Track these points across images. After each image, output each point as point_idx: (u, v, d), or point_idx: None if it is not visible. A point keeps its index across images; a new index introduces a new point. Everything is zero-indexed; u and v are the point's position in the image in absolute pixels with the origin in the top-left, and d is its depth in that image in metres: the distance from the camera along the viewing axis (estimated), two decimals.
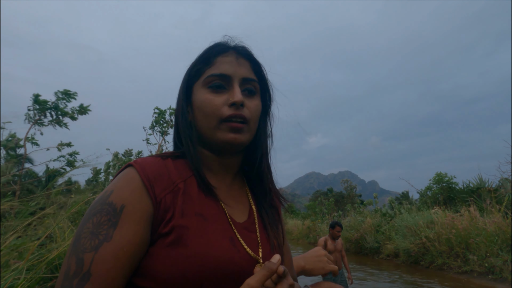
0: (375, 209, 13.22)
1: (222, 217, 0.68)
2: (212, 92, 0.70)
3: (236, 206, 0.74)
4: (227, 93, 0.70)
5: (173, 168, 0.68)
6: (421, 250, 8.51)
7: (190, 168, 0.71)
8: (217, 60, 0.72)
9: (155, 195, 0.62)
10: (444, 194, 11.32)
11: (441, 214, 8.74)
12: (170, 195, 0.64)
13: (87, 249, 0.56)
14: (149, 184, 0.62)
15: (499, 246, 6.57)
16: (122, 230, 0.58)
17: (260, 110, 0.74)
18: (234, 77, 0.71)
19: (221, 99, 0.69)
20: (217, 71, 0.71)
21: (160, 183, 0.64)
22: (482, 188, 9.54)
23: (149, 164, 0.66)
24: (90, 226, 0.58)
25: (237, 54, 0.74)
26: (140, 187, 0.62)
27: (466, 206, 8.70)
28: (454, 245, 7.66)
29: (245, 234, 0.70)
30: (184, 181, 0.68)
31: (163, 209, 0.62)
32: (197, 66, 0.74)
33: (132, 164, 0.66)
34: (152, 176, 0.64)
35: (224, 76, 0.70)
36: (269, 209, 0.80)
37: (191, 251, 0.60)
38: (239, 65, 0.73)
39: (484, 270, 6.58)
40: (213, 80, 0.70)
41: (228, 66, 0.71)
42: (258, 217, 0.77)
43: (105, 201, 0.60)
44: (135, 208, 0.60)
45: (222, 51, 0.73)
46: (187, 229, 0.61)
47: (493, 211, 7.68)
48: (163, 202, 0.62)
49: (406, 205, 12.35)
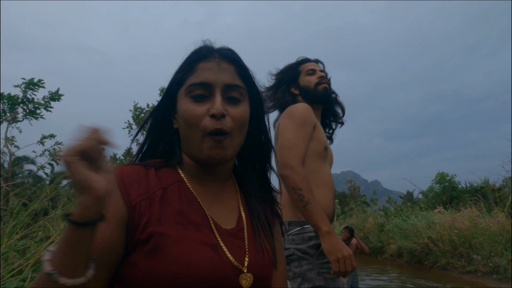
0: (379, 208, 13.18)
1: (205, 224, 0.66)
2: (194, 101, 0.67)
3: (224, 212, 0.72)
4: (209, 102, 0.67)
5: (153, 177, 0.67)
6: (425, 250, 8.47)
7: (174, 176, 0.70)
8: (199, 66, 0.69)
9: (130, 200, 0.62)
10: (447, 193, 11.28)
11: (443, 214, 8.69)
12: (146, 201, 0.63)
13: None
14: (124, 189, 0.62)
15: (503, 246, 6.53)
16: None
17: (247, 117, 0.72)
18: (216, 85, 0.68)
19: (203, 109, 0.67)
20: (198, 79, 0.68)
21: (136, 189, 0.63)
22: (486, 187, 9.49)
23: (128, 170, 0.66)
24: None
25: (219, 59, 0.70)
26: (116, 189, 0.62)
27: (470, 206, 8.65)
28: (457, 245, 7.61)
29: (231, 241, 0.67)
30: (164, 189, 0.66)
31: (138, 214, 0.61)
32: (180, 73, 0.71)
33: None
34: (128, 181, 0.64)
35: (205, 85, 0.67)
36: (262, 214, 0.77)
37: (170, 258, 0.58)
38: (221, 70, 0.69)
39: (488, 270, 6.53)
40: (194, 89, 0.68)
41: (209, 73, 0.68)
42: (249, 223, 0.74)
43: None
44: (111, 207, 0.59)
45: (204, 57, 0.70)
46: (166, 236, 0.60)
47: (497, 210, 7.63)
48: (138, 207, 0.62)
49: (408, 206, 12.30)
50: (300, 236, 1.48)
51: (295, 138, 1.49)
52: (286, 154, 1.45)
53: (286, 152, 1.45)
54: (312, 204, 1.37)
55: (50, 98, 7.04)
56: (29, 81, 6.88)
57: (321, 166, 1.62)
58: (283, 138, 1.50)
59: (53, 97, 7.10)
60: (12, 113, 6.83)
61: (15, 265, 1.98)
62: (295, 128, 1.51)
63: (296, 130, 1.51)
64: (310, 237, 1.47)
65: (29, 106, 6.98)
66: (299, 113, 1.55)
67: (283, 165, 1.44)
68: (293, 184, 1.39)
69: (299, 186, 1.39)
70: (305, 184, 1.39)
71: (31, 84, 6.84)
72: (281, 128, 1.54)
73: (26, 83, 6.82)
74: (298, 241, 1.47)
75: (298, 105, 1.60)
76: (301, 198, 1.38)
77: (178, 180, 0.69)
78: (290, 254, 1.46)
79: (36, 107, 7.00)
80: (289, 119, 1.55)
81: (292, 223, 1.51)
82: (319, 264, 1.44)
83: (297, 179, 1.39)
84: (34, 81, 6.90)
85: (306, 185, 1.39)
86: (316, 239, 1.46)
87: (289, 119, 1.54)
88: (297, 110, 1.56)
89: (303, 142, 1.50)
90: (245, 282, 0.65)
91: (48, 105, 7.06)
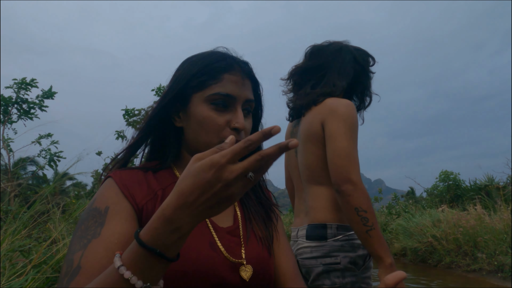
0: (381, 207, 13.15)
1: (202, 223, 0.68)
2: (215, 110, 0.70)
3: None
4: (229, 113, 0.71)
5: (153, 179, 0.70)
6: (429, 248, 8.43)
7: (171, 178, 0.73)
8: (224, 77, 0.71)
9: (136, 203, 0.63)
10: (451, 192, 11.23)
11: (448, 213, 8.65)
12: (151, 202, 0.65)
13: (76, 249, 0.56)
14: (128, 193, 0.64)
15: (508, 244, 6.49)
16: (109, 226, 0.59)
17: (251, 128, 0.77)
18: (239, 99, 0.72)
19: (223, 119, 0.70)
20: (224, 90, 0.70)
21: (139, 192, 0.65)
22: (490, 186, 9.43)
23: (127, 175, 0.68)
24: (79, 233, 0.59)
25: (242, 73, 0.74)
26: (120, 193, 0.63)
27: (475, 204, 8.61)
28: (462, 244, 7.58)
29: (228, 239, 0.70)
30: (164, 189, 0.69)
31: (145, 216, 0.63)
32: (200, 77, 0.71)
33: (111, 176, 0.68)
34: (130, 185, 0.65)
35: (230, 97, 0.71)
36: (254, 209, 0.81)
37: None
38: (244, 86, 0.73)
39: (493, 269, 6.49)
40: (218, 99, 0.70)
41: (234, 86, 0.71)
42: (244, 220, 0.77)
43: (90, 208, 0.62)
44: (120, 207, 0.61)
45: (229, 68, 0.73)
46: None
47: (502, 208, 7.59)
48: (145, 209, 0.63)
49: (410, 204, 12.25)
50: (350, 242, 1.32)
51: (352, 147, 1.29)
52: (347, 167, 1.25)
53: (347, 165, 1.25)
54: (376, 231, 1.20)
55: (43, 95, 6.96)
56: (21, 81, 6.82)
57: None
58: (339, 146, 1.28)
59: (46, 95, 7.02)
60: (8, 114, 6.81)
61: (18, 264, 1.98)
62: (350, 134, 1.30)
63: (351, 136, 1.30)
64: (358, 245, 1.32)
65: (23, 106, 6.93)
66: (351, 116, 1.33)
67: (343, 180, 1.24)
68: (357, 204, 1.21)
69: (363, 207, 1.21)
70: (369, 205, 1.22)
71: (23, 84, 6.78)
72: (333, 133, 1.31)
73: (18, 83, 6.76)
74: (347, 248, 1.31)
75: (347, 103, 1.36)
76: (365, 222, 1.20)
77: (175, 181, 0.71)
78: (337, 263, 1.29)
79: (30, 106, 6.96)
80: (340, 121, 1.31)
81: (340, 227, 1.35)
82: (362, 278, 1.31)
83: (361, 199, 1.21)
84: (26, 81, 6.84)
85: (370, 207, 1.23)
86: (364, 249, 1.31)
87: (341, 121, 1.31)
88: (348, 111, 1.33)
89: (357, 150, 1.32)
90: (245, 274, 0.67)
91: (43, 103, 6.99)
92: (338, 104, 1.34)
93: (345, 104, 1.35)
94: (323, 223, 1.36)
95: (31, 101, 6.95)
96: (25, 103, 6.90)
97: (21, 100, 6.85)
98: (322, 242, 1.33)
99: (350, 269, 1.29)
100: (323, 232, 1.34)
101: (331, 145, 1.30)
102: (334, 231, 1.33)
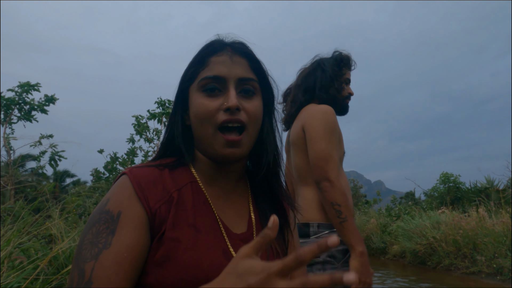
0: (379, 208, 13.13)
1: (216, 228, 0.65)
2: (207, 96, 0.67)
3: (235, 216, 0.71)
4: (222, 97, 0.67)
5: (168, 178, 0.66)
6: (428, 250, 8.42)
7: (187, 177, 0.69)
8: (211, 60, 0.68)
9: (149, 207, 0.61)
10: (451, 194, 11.22)
11: (448, 215, 8.65)
12: (165, 205, 0.62)
13: (88, 259, 0.55)
14: (142, 195, 0.61)
15: (508, 247, 6.48)
16: (120, 236, 0.57)
17: (261, 111, 0.71)
18: (229, 78, 0.67)
19: (216, 104, 0.66)
20: (211, 73, 0.67)
21: (154, 194, 0.62)
22: (490, 188, 9.42)
23: (143, 173, 0.64)
24: (90, 237, 0.57)
25: (232, 52, 0.69)
26: (134, 195, 0.61)
27: (474, 206, 8.60)
28: (461, 246, 7.57)
29: (241, 246, 0.66)
30: (179, 190, 0.65)
31: (158, 221, 0.61)
32: (192, 68, 0.70)
33: (126, 173, 0.65)
34: (146, 186, 0.62)
35: (218, 78, 0.66)
36: (269, 213, 0.76)
37: (181, 264, 0.58)
38: (234, 64, 0.68)
39: (492, 271, 6.48)
40: (207, 83, 0.67)
41: (222, 66, 0.67)
42: (259, 226, 0.73)
43: (102, 209, 0.60)
44: (132, 213, 0.59)
45: (216, 50, 0.69)
46: (178, 241, 0.60)
47: (502, 211, 7.58)
48: (158, 213, 0.61)
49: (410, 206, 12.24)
50: None
51: (330, 148, 1.44)
52: (325, 167, 1.41)
53: (325, 165, 1.41)
54: (349, 222, 1.36)
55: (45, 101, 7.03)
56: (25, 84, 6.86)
57: (341, 171, 1.63)
58: (318, 147, 1.44)
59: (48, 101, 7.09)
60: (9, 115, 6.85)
61: (17, 261, 1.99)
62: (329, 136, 1.46)
63: (330, 138, 1.46)
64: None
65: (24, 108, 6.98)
66: (330, 119, 1.49)
67: (322, 178, 1.41)
68: (332, 199, 1.38)
69: (338, 201, 1.37)
70: (343, 200, 1.38)
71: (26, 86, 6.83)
72: (312, 136, 1.48)
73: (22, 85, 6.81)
74: None
75: (326, 108, 1.52)
76: (339, 214, 1.37)
77: (192, 181, 0.69)
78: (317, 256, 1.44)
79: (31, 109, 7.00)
80: (318, 124, 1.48)
81: (322, 225, 1.51)
82: (343, 271, 1.41)
83: (336, 195, 1.38)
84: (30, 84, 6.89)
85: (344, 201, 1.38)
86: (344, 244, 1.44)
87: (319, 125, 1.47)
88: (327, 115, 1.50)
89: (336, 150, 1.47)
90: None
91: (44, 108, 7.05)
92: (316, 110, 1.52)
93: (323, 110, 1.51)
94: (306, 222, 1.53)
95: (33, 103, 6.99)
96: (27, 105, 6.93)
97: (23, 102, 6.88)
98: (306, 239, 1.51)
99: (328, 261, 1.45)
100: (307, 230, 1.51)
101: (311, 147, 1.47)
102: (316, 229, 1.50)
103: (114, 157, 8.23)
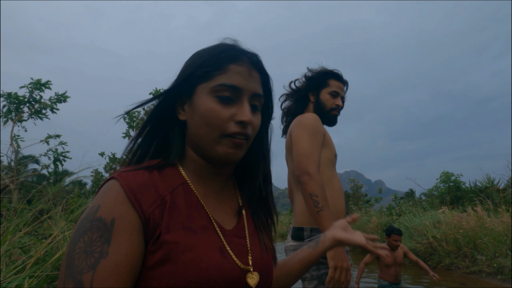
0: (381, 207, 13.13)
1: (210, 227, 0.65)
2: (220, 102, 0.66)
3: (225, 212, 0.72)
4: (234, 107, 0.66)
5: (159, 180, 0.65)
6: (428, 250, 8.43)
7: (177, 178, 0.68)
8: (230, 67, 0.67)
9: (143, 211, 0.59)
10: (452, 193, 11.22)
11: (448, 214, 8.65)
12: (158, 209, 0.61)
13: (84, 269, 0.53)
14: (135, 200, 0.59)
15: (508, 247, 6.48)
16: (117, 245, 0.56)
17: (260, 124, 0.73)
18: (245, 91, 0.67)
19: (228, 113, 0.66)
20: (229, 81, 0.66)
21: (146, 198, 0.61)
22: (491, 188, 9.42)
23: (133, 177, 0.62)
24: (82, 245, 0.55)
25: (249, 65, 0.69)
26: (127, 200, 0.59)
27: (474, 206, 8.60)
28: (462, 245, 7.57)
29: (235, 241, 0.68)
30: (171, 193, 0.64)
31: (152, 225, 0.59)
32: (205, 68, 0.68)
33: (115, 177, 0.62)
34: (138, 190, 0.60)
35: (236, 88, 0.66)
36: (261, 212, 0.80)
37: (181, 266, 0.58)
38: (251, 78, 0.69)
39: (492, 271, 6.48)
40: (223, 90, 0.66)
41: (240, 78, 0.67)
42: (249, 221, 0.75)
43: (93, 217, 0.57)
44: (126, 220, 0.57)
45: (235, 58, 0.68)
46: (176, 244, 0.59)
47: (502, 211, 7.58)
48: (151, 218, 0.60)
49: (410, 205, 12.24)
50: None
51: (309, 146, 1.58)
52: (304, 162, 1.53)
53: (304, 160, 1.53)
54: (325, 211, 1.45)
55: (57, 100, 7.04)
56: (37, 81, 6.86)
57: (334, 173, 1.74)
58: (299, 147, 1.58)
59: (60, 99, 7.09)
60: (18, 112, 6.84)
61: (18, 262, 1.99)
62: (308, 137, 1.60)
63: (309, 139, 1.60)
64: None
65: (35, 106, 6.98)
66: (310, 123, 1.65)
67: (301, 173, 1.52)
68: (310, 190, 1.48)
69: (315, 192, 1.47)
70: (321, 191, 1.48)
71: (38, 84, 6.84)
72: (295, 138, 1.63)
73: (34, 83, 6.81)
74: None
75: (308, 115, 1.70)
76: (316, 204, 1.46)
77: (182, 183, 0.68)
78: None
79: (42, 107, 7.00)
80: (301, 129, 1.64)
81: (314, 229, 1.61)
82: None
83: (314, 186, 1.48)
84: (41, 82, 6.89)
85: (322, 193, 1.48)
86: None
87: (301, 129, 1.64)
88: (308, 120, 1.66)
89: (317, 150, 1.60)
90: (252, 281, 0.66)
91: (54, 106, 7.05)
92: (302, 117, 1.69)
93: (306, 116, 1.69)
94: (300, 227, 1.65)
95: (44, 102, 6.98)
96: (37, 103, 6.92)
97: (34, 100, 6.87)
98: (300, 242, 1.63)
99: (322, 262, 1.54)
100: (301, 234, 1.64)
101: (295, 148, 1.61)
102: (308, 233, 1.62)
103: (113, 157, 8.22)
